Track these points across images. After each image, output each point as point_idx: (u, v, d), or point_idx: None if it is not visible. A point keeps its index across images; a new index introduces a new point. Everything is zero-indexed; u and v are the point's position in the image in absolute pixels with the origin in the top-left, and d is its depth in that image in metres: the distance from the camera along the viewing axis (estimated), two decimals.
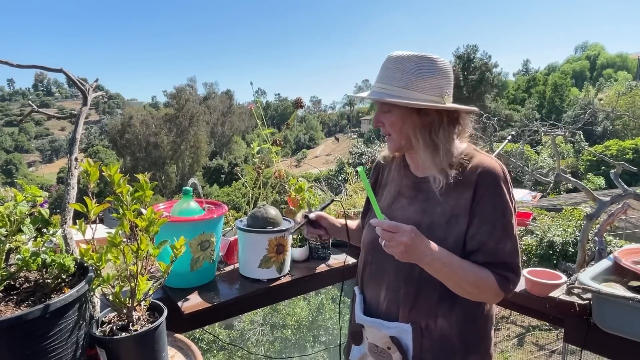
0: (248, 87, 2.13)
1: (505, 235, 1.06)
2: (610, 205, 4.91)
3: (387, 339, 1.14)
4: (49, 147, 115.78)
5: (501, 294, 1.07)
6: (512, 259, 1.07)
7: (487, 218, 1.07)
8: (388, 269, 1.18)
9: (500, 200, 1.07)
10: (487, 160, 1.11)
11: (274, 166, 1.88)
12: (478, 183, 1.08)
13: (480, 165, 1.10)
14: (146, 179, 0.97)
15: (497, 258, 1.06)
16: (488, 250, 1.06)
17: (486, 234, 1.06)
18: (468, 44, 53.31)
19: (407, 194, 1.22)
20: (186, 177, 44.52)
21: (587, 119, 8.20)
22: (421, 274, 1.10)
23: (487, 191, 1.07)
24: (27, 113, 1.81)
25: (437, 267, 1.03)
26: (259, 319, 7.28)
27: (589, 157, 22.67)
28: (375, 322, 1.17)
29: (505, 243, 1.06)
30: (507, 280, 1.06)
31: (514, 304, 1.58)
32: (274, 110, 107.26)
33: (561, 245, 8.59)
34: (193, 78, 57.50)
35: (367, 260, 1.27)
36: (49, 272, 0.93)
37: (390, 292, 1.17)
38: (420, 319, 1.12)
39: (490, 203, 1.07)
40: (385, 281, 1.19)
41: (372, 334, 1.19)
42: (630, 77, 57.21)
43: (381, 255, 1.17)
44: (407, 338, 1.12)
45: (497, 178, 1.08)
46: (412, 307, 1.13)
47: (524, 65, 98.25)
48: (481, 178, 1.08)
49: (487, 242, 1.06)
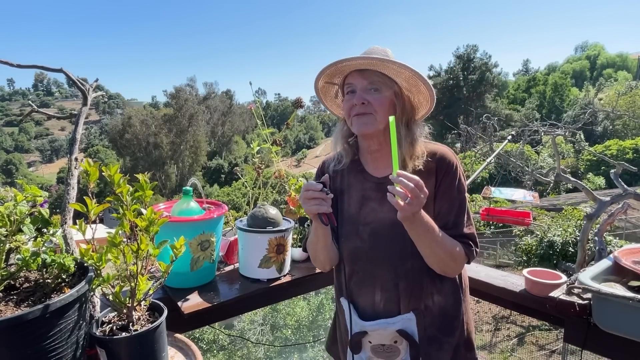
0: (248, 87, 2.14)
1: (461, 210, 1.17)
2: (610, 205, 4.91)
3: (394, 334, 1.17)
4: (49, 147, 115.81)
5: (465, 261, 1.16)
6: (470, 230, 1.18)
7: (447, 197, 1.16)
8: (379, 272, 1.19)
9: (455, 181, 1.17)
10: (439, 147, 1.21)
11: (274, 166, 1.88)
12: (437, 169, 1.17)
13: (436, 152, 1.19)
14: (146, 179, 0.97)
15: (459, 230, 1.16)
16: (450, 226, 1.15)
17: (447, 211, 1.16)
18: (468, 44, 53.32)
19: (373, 197, 1.21)
20: (186, 177, 44.54)
21: (587, 119, 8.19)
22: (414, 265, 1.16)
23: (446, 175, 1.17)
24: (27, 113, 1.81)
25: (422, 231, 1.06)
26: (259, 319, 7.28)
27: (589, 157, 22.69)
28: (379, 324, 1.18)
29: (462, 216, 1.17)
30: (470, 247, 1.16)
31: (514, 304, 1.58)
32: (274, 110, 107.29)
33: (561, 245, 8.60)
34: (193, 78, 57.44)
35: (352, 271, 1.24)
36: (49, 272, 0.93)
37: (385, 292, 1.19)
38: (420, 303, 1.18)
39: (448, 185, 1.17)
40: (377, 284, 1.20)
41: (378, 335, 1.19)
42: (630, 77, 57.26)
43: (369, 262, 1.20)
44: (412, 325, 1.17)
45: (452, 162, 1.18)
46: (411, 296, 1.17)
47: (524, 65, 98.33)
48: (439, 164, 1.17)
49: (449, 217, 1.16)
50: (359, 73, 1.15)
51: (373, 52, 1.18)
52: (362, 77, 1.14)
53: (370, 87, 1.14)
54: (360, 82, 1.15)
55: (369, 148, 1.24)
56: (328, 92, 1.32)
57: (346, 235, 1.24)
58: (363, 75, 1.14)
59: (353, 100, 1.15)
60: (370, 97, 1.14)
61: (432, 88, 1.16)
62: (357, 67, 1.15)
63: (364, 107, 1.14)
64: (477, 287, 1.62)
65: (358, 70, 1.15)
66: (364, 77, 1.14)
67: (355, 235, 1.22)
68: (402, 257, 1.16)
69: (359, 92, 1.15)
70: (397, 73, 1.14)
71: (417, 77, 1.13)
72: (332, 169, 1.31)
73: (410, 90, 1.19)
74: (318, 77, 1.24)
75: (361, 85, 1.15)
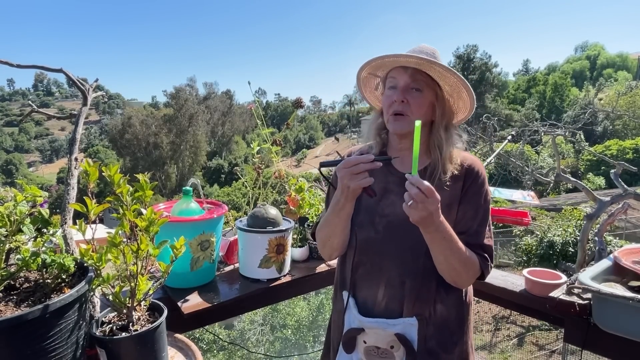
0: (248, 87, 2.13)
1: (484, 220, 1.17)
2: (610, 205, 4.91)
3: (392, 338, 1.12)
4: (49, 147, 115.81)
5: (478, 275, 1.13)
6: (489, 242, 1.17)
7: (473, 204, 1.16)
8: (387, 266, 1.16)
9: (482, 189, 1.17)
10: (468, 155, 1.23)
11: (274, 166, 1.88)
12: (466, 175, 1.17)
13: (466, 159, 1.20)
14: (146, 179, 0.97)
15: (479, 240, 1.15)
16: (472, 233, 1.14)
17: (471, 217, 1.15)
18: (468, 44, 53.38)
19: (395, 190, 1.19)
20: (186, 177, 44.55)
21: (587, 119, 8.20)
22: (425, 264, 1.12)
23: (474, 182, 1.17)
24: (27, 113, 1.81)
25: (438, 238, 1.05)
26: (259, 319, 7.28)
27: (589, 157, 22.68)
28: (378, 322, 1.13)
29: (485, 226, 1.17)
30: (487, 262, 1.14)
31: (514, 304, 1.58)
32: (274, 110, 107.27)
33: (561, 245, 8.59)
34: (193, 78, 57.36)
35: (360, 261, 1.21)
36: (49, 272, 0.93)
37: (390, 288, 1.15)
38: (424, 309, 1.14)
39: (476, 192, 1.16)
40: (383, 279, 1.16)
41: (375, 335, 1.14)
42: (630, 77, 57.22)
43: (379, 254, 1.17)
44: (412, 332, 1.12)
45: (480, 171, 1.19)
46: (416, 299, 1.13)
47: (524, 65, 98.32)
48: (468, 171, 1.17)
49: (472, 224, 1.15)
50: (404, 70, 1.14)
51: (422, 50, 1.16)
52: (407, 74, 1.13)
53: (412, 85, 1.13)
54: (404, 79, 1.13)
55: (399, 145, 1.23)
56: (369, 83, 1.31)
57: (360, 224, 1.20)
58: (407, 72, 1.13)
59: (394, 97, 1.14)
60: (410, 96, 1.13)
61: (474, 96, 1.17)
62: (404, 64, 1.14)
63: (403, 105, 1.13)
64: (477, 287, 1.61)
65: (403, 67, 1.14)
66: (408, 75, 1.13)
67: (370, 225, 1.19)
68: (414, 254, 1.13)
69: (400, 90, 1.13)
70: (442, 76, 1.13)
71: (461, 83, 1.13)
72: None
73: (451, 95, 1.19)
74: (362, 68, 1.23)
75: (404, 82, 1.13)
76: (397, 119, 1.15)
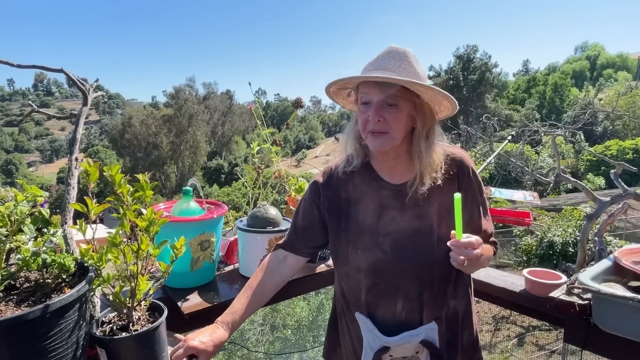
0: (248, 87, 2.13)
1: (485, 210, 1.21)
2: (610, 205, 4.90)
3: (417, 345, 1.12)
4: (49, 147, 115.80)
5: None
6: (492, 227, 1.23)
7: (475, 203, 1.18)
8: (403, 283, 1.13)
9: (476, 181, 1.17)
10: (451, 149, 1.17)
11: (274, 166, 1.88)
12: (459, 175, 1.15)
13: (450, 154, 1.15)
14: (146, 179, 0.97)
15: (487, 233, 1.20)
16: (481, 227, 1.18)
17: (477, 215, 1.18)
18: (468, 44, 53.34)
19: (392, 205, 1.14)
20: (186, 177, 44.55)
21: (587, 119, 8.20)
22: (439, 272, 1.13)
23: (468, 177, 1.16)
24: (27, 113, 1.81)
25: (480, 263, 1.11)
26: (258, 319, 7.27)
27: (589, 157, 22.68)
28: (404, 338, 1.11)
29: (487, 215, 1.22)
30: (496, 246, 1.23)
31: (514, 304, 1.58)
32: (274, 110, 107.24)
33: (561, 245, 8.59)
34: (192, 78, 57.54)
35: (373, 283, 1.14)
36: (49, 272, 0.93)
37: (408, 302, 1.13)
38: (441, 312, 1.16)
39: (471, 187, 1.17)
40: (400, 294, 1.13)
41: (401, 349, 1.12)
42: (630, 77, 57.22)
43: (393, 274, 1.13)
44: (434, 335, 1.14)
45: (468, 163, 1.17)
46: (434, 305, 1.14)
47: (524, 65, 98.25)
48: (460, 170, 1.15)
49: (479, 221, 1.18)
50: (376, 84, 1.04)
51: (391, 55, 1.07)
52: (379, 89, 1.03)
53: (387, 101, 1.04)
54: (377, 95, 1.04)
55: (381, 157, 1.16)
56: (340, 93, 1.23)
57: (364, 248, 1.14)
58: (380, 87, 1.03)
59: (368, 115, 1.05)
60: (386, 113, 1.04)
61: (455, 101, 1.09)
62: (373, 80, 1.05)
63: (380, 124, 1.04)
64: (477, 287, 1.61)
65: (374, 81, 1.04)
66: (381, 90, 1.03)
67: (376, 247, 1.13)
68: (428, 265, 1.11)
69: (374, 107, 1.04)
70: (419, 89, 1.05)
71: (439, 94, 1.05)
72: (342, 170, 1.21)
73: (431, 101, 1.10)
74: (329, 87, 1.16)
75: (377, 98, 1.04)
76: (377, 137, 1.07)
